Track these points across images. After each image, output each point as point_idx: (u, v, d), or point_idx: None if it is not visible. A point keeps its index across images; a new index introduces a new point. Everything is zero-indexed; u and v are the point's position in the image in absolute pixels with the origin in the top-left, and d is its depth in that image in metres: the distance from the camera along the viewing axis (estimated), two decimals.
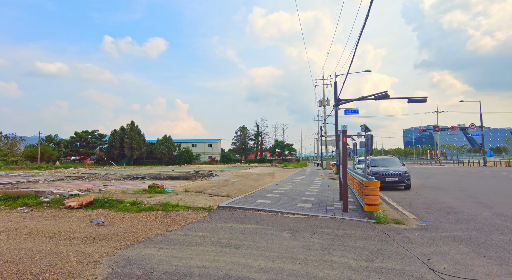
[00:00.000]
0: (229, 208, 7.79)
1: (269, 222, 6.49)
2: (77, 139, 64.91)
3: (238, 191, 10.87)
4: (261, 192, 10.93)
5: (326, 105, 41.47)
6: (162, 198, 8.76)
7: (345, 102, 25.27)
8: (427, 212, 8.11)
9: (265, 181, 16.10)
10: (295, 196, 10.18)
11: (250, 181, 15.59)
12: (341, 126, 7.97)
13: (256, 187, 12.67)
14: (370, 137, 8.42)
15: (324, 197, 10.25)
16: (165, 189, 10.14)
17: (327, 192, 11.57)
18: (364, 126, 8.67)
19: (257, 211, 7.54)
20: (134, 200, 8.34)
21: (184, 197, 8.94)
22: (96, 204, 7.87)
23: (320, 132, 50.06)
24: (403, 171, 13.83)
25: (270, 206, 8.06)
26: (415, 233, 5.83)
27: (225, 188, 11.70)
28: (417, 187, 14.58)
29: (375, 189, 7.26)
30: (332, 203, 8.94)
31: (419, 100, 24.66)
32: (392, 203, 9.74)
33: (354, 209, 8.17)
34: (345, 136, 7.92)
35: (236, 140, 77.55)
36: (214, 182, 13.87)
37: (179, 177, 15.93)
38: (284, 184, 14.57)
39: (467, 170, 30.06)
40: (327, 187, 13.69)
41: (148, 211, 7.46)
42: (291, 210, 7.62)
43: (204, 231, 5.70)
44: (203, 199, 8.67)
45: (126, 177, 16.58)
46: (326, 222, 6.57)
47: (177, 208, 7.69)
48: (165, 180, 15.71)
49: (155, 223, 6.31)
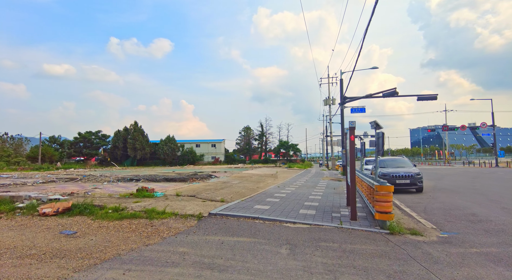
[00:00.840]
0: (221, 215, 6.91)
1: (265, 233, 5.60)
2: (81, 140, 64.69)
3: (235, 195, 9.99)
4: (260, 196, 10.03)
5: (331, 104, 40.41)
6: (148, 203, 7.91)
7: (351, 100, 24.25)
8: (447, 220, 7.13)
9: (267, 183, 15.18)
10: (297, 201, 9.27)
11: (250, 183, 14.70)
12: (349, 123, 7.04)
13: (256, 190, 11.77)
14: (381, 135, 7.47)
15: (330, 202, 9.31)
16: (154, 193, 9.31)
17: (333, 196, 10.63)
18: (375, 123, 7.73)
19: (252, 220, 6.64)
20: (117, 205, 7.51)
21: (174, 203, 8.08)
22: (74, 210, 7.06)
23: (326, 132, 48.97)
24: (415, 172, 12.82)
25: (268, 213, 7.16)
26: (437, 248, 4.89)
27: (222, 191, 10.82)
28: (429, 189, 13.55)
29: (388, 195, 6.33)
30: (338, 209, 8.01)
31: (429, 97, 23.57)
32: (404, 209, 8.79)
33: (364, 216, 7.23)
34: (353, 134, 6.99)
35: (240, 140, 76.70)
36: (211, 185, 13.01)
37: (176, 179, 15.11)
38: (287, 187, 13.65)
39: (479, 171, 28.80)
40: (332, 190, 12.74)
41: (130, 219, 6.62)
42: (292, 218, 6.71)
43: (187, 246, 4.82)
44: (194, 205, 7.80)
45: (121, 178, 15.83)
46: (331, 234, 5.65)
47: (163, 215, 6.83)
48: (161, 182, 14.92)
49: (133, 235, 5.46)
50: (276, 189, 12.58)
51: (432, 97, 23.41)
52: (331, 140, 41.39)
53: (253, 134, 75.90)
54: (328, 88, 41.25)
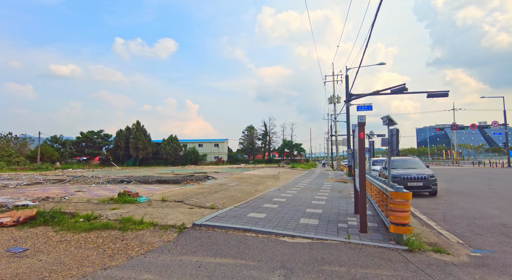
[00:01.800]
0: (206, 227, 5.89)
1: (256, 252, 4.57)
2: (83, 140, 64.21)
3: (229, 200, 8.96)
4: (257, 201, 9.00)
5: (336, 103, 39.21)
6: (127, 210, 6.93)
7: (357, 97, 23.11)
8: (474, 232, 6.04)
9: (266, 186, 14.14)
10: (298, 207, 8.22)
11: (248, 185, 13.67)
12: (358, 118, 5.99)
13: (253, 194, 10.74)
14: (396, 132, 6.39)
15: (335, 208, 8.25)
16: (138, 198, 8.34)
17: (338, 201, 9.56)
18: (387, 119, 6.66)
19: (243, 232, 5.62)
20: (91, 213, 6.54)
21: (156, 210, 7.09)
22: (38, 219, 6.10)
23: (330, 131, 47.80)
24: (429, 174, 11.69)
25: (263, 223, 6.13)
26: (473, 273, 3.83)
27: (215, 195, 9.80)
28: (443, 192, 12.42)
29: (405, 203, 5.26)
30: (345, 218, 6.95)
31: (440, 94, 22.37)
32: (420, 216, 7.71)
33: (375, 227, 6.17)
34: (363, 131, 5.94)
35: (243, 140, 75.70)
36: (205, 187, 12.02)
37: (169, 181, 14.15)
38: (288, 189, 12.60)
39: (492, 171, 27.45)
40: (337, 193, 11.66)
41: (101, 230, 5.64)
42: (290, 231, 5.67)
43: (154, 270, 3.82)
44: (179, 213, 6.79)
45: (111, 180, 14.91)
46: (337, 252, 4.61)
47: (139, 226, 5.84)
48: (153, 184, 13.96)
49: (95, 252, 4.47)
50: (276, 192, 11.53)
51: (443, 94, 22.21)
52: (336, 140, 40.20)
53: (256, 133, 74.87)
54: (333, 86, 40.09)
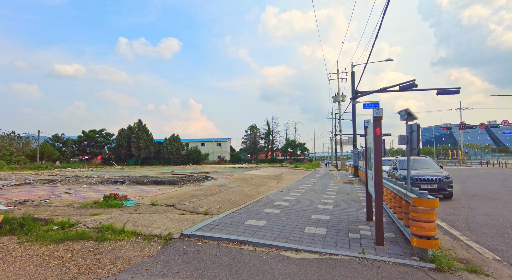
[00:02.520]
0: (196, 238, 5.07)
1: (252, 272, 3.75)
2: (85, 139, 63.78)
3: (226, 204, 8.14)
4: (257, 206, 8.18)
5: (341, 101, 38.22)
6: (109, 217, 6.14)
7: (363, 94, 22.18)
8: (509, 244, 5.18)
9: (268, 187, 13.30)
10: (303, 212, 7.39)
11: (249, 187, 12.85)
12: (374, 112, 5.15)
13: (253, 197, 9.91)
14: (416, 127, 5.55)
15: (344, 213, 7.41)
16: (124, 202, 7.56)
17: (347, 204, 8.71)
18: (406, 112, 5.81)
19: (239, 245, 4.80)
20: (67, 219, 5.77)
21: (142, 216, 6.29)
22: (4, 228, 5.33)
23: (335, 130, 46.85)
24: (444, 175, 10.80)
25: (263, 233, 5.31)
26: None
27: (211, 198, 8.98)
28: (459, 195, 11.52)
29: (430, 212, 4.43)
30: (356, 226, 6.11)
31: (451, 91, 21.40)
32: (439, 223, 6.86)
33: (391, 238, 5.33)
34: (379, 126, 5.09)
35: (246, 139, 74.81)
36: (202, 189, 11.21)
37: (164, 182, 13.35)
38: (291, 191, 11.76)
39: (502, 172, 26.38)
40: (345, 195, 10.81)
41: (74, 240, 4.85)
42: (294, 243, 4.85)
43: None
44: (167, 220, 5.99)
45: (105, 180, 14.17)
46: (352, 272, 3.78)
47: (120, 236, 5.05)
48: (147, 185, 13.20)
49: (55, 273, 3.68)
50: (278, 194, 10.69)
51: (454, 91, 21.25)
52: (340, 139, 39.25)
53: (259, 133, 73.97)
54: (338, 84, 39.15)
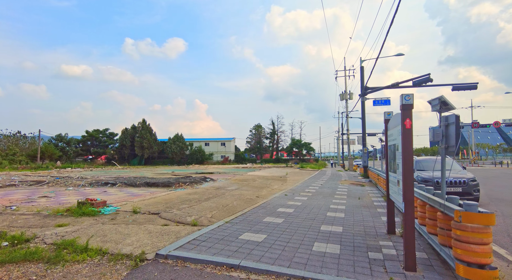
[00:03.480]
0: (175, 259, 3.99)
1: None
2: (88, 138, 63.39)
3: (220, 211, 7.04)
4: (256, 213, 7.08)
5: (348, 99, 36.90)
6: (76, 228, 5.10)
7: (373, 90, 20.95)
8: None
9: (271, 190, 12.18)
10: (310, 222, 6.28)
11: (250, 189, 11.75)
12: (402, 98, 4.03)
13: (254, 202, 8.81)
14: (455, 119, 4.41)
15: (358, 223, 6.27)
16: (102, 209, 6.53)
17: (361, 211, 7.57)
18: (440, 101, 4.67)
19: (228, 270, 3.71)
20: (21, 233, 4.74)
21: (116, 228, 5.24)
22: None
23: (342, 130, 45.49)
24: (469, 178, 9.59)
25: (260, 253, 4.22)
26: None
27: (205, 204, 7.89)
28: (485, 199, 10.30)
29: (484, 231, 3.32)
30: (376, 241, 4.97)
31: (468, 87, 20.09)
32: None
33: (423, 259, 4.20)
34: (410, 117, 3.97)
35: (250, 139, 73.68)
36: (198, 192, 10.16)
37: (158, 184, 12.31)
38: (297, 195, 10.64)
39: None
40: (357, 200, 9.66)
41: (19, 262, 3.82)
42: (300, 268, 3.75)
43: None
44: (144, 234, 4.92)
45: (95, 182, 13.20)
46: None
47: (80, 255, 4.00)
48: (140, 187, 12.20)
49: None
50: (282, 199, 9.58)
51: (471, 86, 19.93)
52: (348, 138, 37.93)
53: (264, 132, 72.73)
54: (345, 81, 37.80)
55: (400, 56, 23.43)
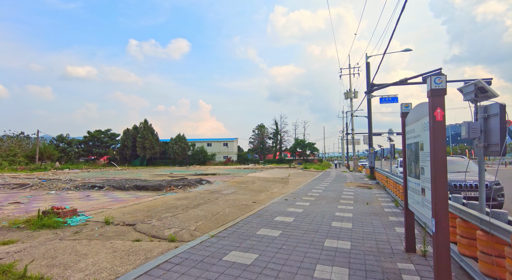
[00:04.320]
0: None
1: None
2: (90, 139, 62.89)
3: (208, 221, 6.10)
4: (250, 223, 6.14)
5: (353, 98, 35.78)
6: (25, 247, 4.20)
7: (379, 87, 19.89)
8: None
9: (271, 194, 11.22)
10: (312, 235, 5.32)
11: (247, 193, 10.80)
12: (431, 81, 3.07)
13: (249, 208, 7.86)
14: (500, 109, 3.46)
15: (369, 236, 5.30)
16: (70, 219, 5.64)
17: (370, 220, 6.59)
18: (475, 87, 3.75)
19: None
20: None
21: (73, 246, 4.32)
22: None
23: (346, 129, 44.32)
24: (492, 181, 8.53)
25: None
26: None
27: (192, 212, 6.93)
28: (508, 206, 9.24)
29: None
30: (392, 262, 4.00)
31: None
32: None
33: None
34: (442, 106, 3.01)
35: (253, 139, 72.66)
36: (189, 197, 9.23)
37: (148, 187, 11.40)
38: (298, 200, 9.69)
39: None
40: (365, 206, 8.67)
41: None
42: None
43: None
44: (106, 254, 4.01)
45: (81, 185, 12.34)
46: None
47: None
48: (129, 190, 11.33)
49: None
50: (281, 204, 8.62)
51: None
52: (352, 138, 36.78)
53: (267, 132, 71.66)
54: (350, 80, 36.73)
55: (407, 51, 22.34)
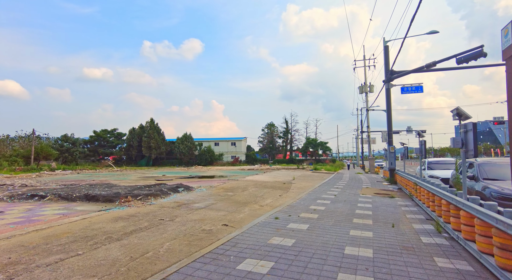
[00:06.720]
0: None
1: None
2: (95, 139, 61.73)
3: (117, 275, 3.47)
4: (189, 277, 3.47)
5: (368, 92, 32.60)
6: None
7: (400, 75, 16.82)
8: None
9: (258, 207, 8.48)
10: None
11: (226, 207, 8.11)
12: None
13: (210, 239, 5.16)
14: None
15: None
16: None
17: (404, 264, 3.81)
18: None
19: None
20: None
21: None
22: None
23: (361, 127, 41.02)
24: None
25: None
26: None
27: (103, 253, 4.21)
28: None
29: None
30: None
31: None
32: None
33: None
34: None
35: (263, 139, 69.75)
36: (138, 215, 6.65)
37: (99, 198, 8.70)
38: (294, 218, 6.95)
39: None
40: (390, 229, 5.87)
41: None
42: None
43: None
44: None
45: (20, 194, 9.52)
46: None
47: None
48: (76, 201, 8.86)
49: None
50: (264, 229, 5.90)
51: None
52: (368, 136, 33.51)
53: (277, 131, 68.53)
54: (365, 72, 33.50)
55: (433, 34, 19.12)
